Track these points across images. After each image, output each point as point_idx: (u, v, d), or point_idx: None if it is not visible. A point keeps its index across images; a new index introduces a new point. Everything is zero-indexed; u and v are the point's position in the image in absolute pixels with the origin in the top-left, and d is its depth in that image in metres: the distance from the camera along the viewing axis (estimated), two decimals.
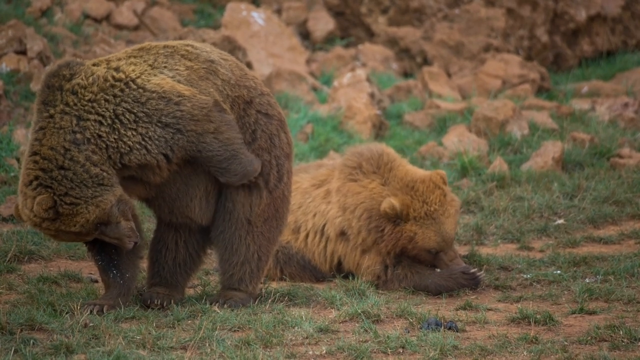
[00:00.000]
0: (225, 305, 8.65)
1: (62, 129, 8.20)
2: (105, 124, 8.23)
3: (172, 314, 8.40)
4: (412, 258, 9.78)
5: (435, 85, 17.83)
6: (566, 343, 7.95)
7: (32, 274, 9.48)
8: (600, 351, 7.72)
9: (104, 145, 8.22)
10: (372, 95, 16.14)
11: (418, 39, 19.86)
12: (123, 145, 8.25)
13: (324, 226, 10.06)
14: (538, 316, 8.52)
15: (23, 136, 12.60)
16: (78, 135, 8.20)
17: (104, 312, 8.38)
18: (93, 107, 8.25)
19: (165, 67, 8.46)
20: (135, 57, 8.47)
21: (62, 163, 8.16)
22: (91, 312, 8.35)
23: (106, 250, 8.53)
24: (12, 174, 11.82)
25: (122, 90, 8.29)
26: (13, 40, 14.64)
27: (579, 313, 8.81)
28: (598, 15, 20.28)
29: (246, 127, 8.69)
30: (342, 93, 16.19)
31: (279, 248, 10.10)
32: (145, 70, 8.39)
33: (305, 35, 20.09)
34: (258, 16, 18.61)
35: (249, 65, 16.07)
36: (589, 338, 8.01)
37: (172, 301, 8.71)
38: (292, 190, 9.95)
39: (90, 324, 8.03)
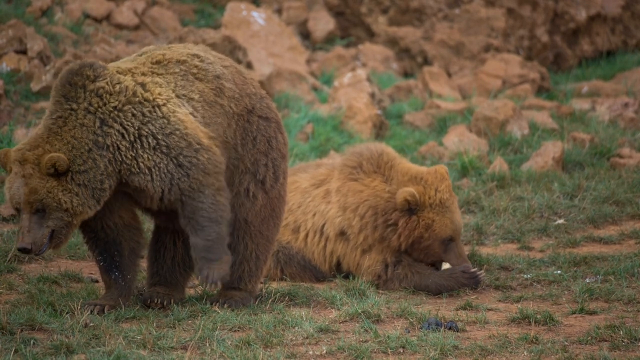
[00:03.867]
0: (226, 305, 8.66)
1: (84, 126, 8.17)
2: (127, 139, 8.19)
3: (172, 314, 8.40)
4: (420, 251, 9.78)
5: (435, 85, 17.83)
6: (566, 343, 7.95)
7: (32, 274, 9.48)
8: (600, 351, 7.72)
9: (120, 159, 8.20)
10: (372, 95, 16.14)
11: (418, 39, 19.86)
12: (135, 166, 8.23)
13: (323, 226, 10.07)
14: (538, 316, 8.52)
15: (23, 136, 12.59)
16: (100, 139, 8.18)
17: (105, 312, 8.38)
18: (118, 117, 8.21)
19: (184, 94, 8.43)
20: (156, 74, 8.42)
21: (86, 159, 8.16)
22: (92, 312, 8.35)
23: (108, 250, 8.53)
24: None
25: (150, 112, 8.27)
26: (13, 40, 14.65)
27: (579, 313, 8.81)
28: (598, 15, 20.28)
29: (249, 135, 8.74)
30: (342, 93, 16.19)
31: (280, 248, 10.12)
32: (171, 98, 8.34)
33: (305, 35, 20.09)
34: (258, 16, 18.61)
35: (249, 65, 16.07)
36: (589, 338, 8.01)
37: (172, 300, 8.71)
38: (292, 190, 10.00)
39: (91, 324, 8.03)
